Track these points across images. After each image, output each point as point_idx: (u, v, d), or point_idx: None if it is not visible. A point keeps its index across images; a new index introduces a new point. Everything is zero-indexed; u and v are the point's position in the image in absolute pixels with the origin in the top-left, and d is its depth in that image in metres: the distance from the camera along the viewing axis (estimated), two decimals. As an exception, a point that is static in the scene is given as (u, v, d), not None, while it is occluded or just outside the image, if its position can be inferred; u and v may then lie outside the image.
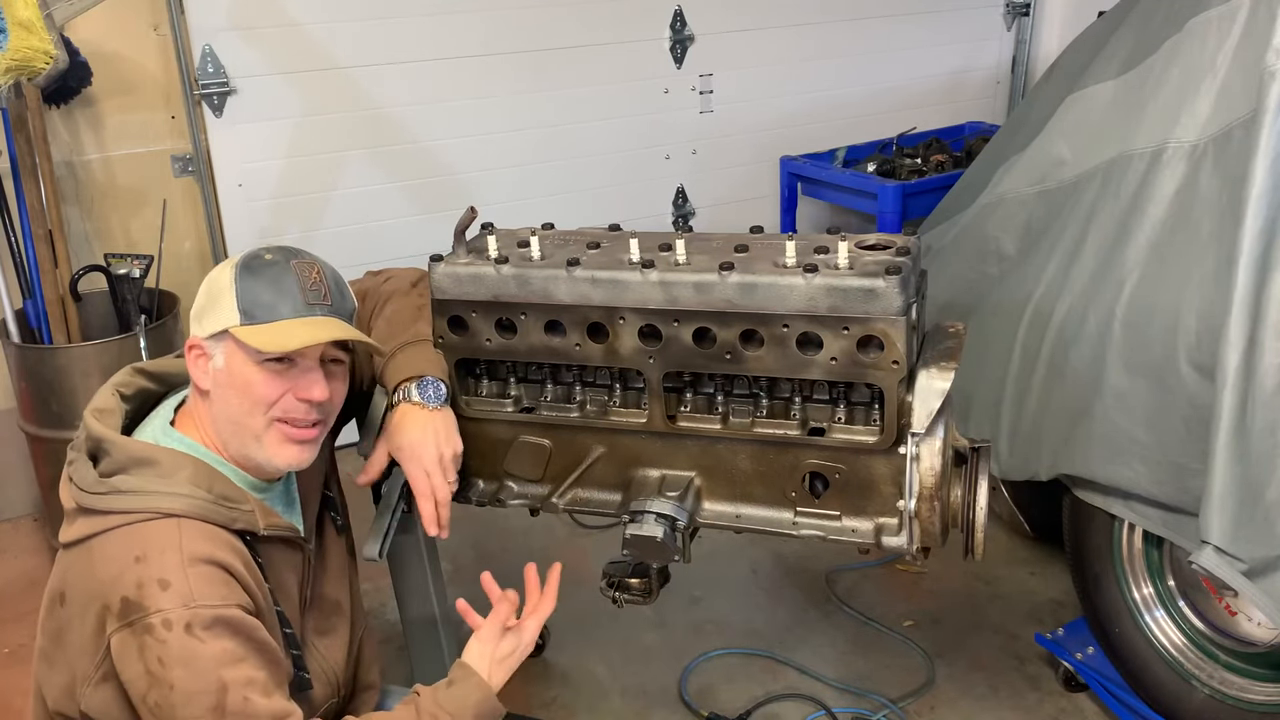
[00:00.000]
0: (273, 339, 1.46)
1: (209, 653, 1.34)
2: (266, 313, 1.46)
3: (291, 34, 3.26)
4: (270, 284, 1.48)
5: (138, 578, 1.35)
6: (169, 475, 1.43)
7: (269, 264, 1.50)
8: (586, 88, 3.74)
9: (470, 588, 1.73)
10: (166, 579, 1.35)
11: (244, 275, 1.48)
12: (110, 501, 1.41)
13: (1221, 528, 1.82)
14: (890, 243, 1.70)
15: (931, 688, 2.52)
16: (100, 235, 3.23)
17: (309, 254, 1.56)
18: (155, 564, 1.36)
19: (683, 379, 1.80)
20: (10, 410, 3.04)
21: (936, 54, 4.32)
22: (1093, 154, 2.34)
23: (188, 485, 1.43)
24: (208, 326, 1.49)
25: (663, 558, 1.79)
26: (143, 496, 1.41)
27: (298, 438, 1.51)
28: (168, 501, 1.41)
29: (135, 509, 1.40)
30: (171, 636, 1.33)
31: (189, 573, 1.36)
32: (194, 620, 1.34)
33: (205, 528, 1.42)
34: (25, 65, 2.57)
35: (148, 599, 1.34)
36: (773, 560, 2.99)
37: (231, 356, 1.48)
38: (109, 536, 1.40)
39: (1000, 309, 2.48)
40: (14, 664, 2.68)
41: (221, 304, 1.48)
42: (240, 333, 1.46)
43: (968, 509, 1.73)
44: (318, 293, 1.50)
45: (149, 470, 1.44)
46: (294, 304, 1.48)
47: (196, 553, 1.38)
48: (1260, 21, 1.93)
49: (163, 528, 1.39)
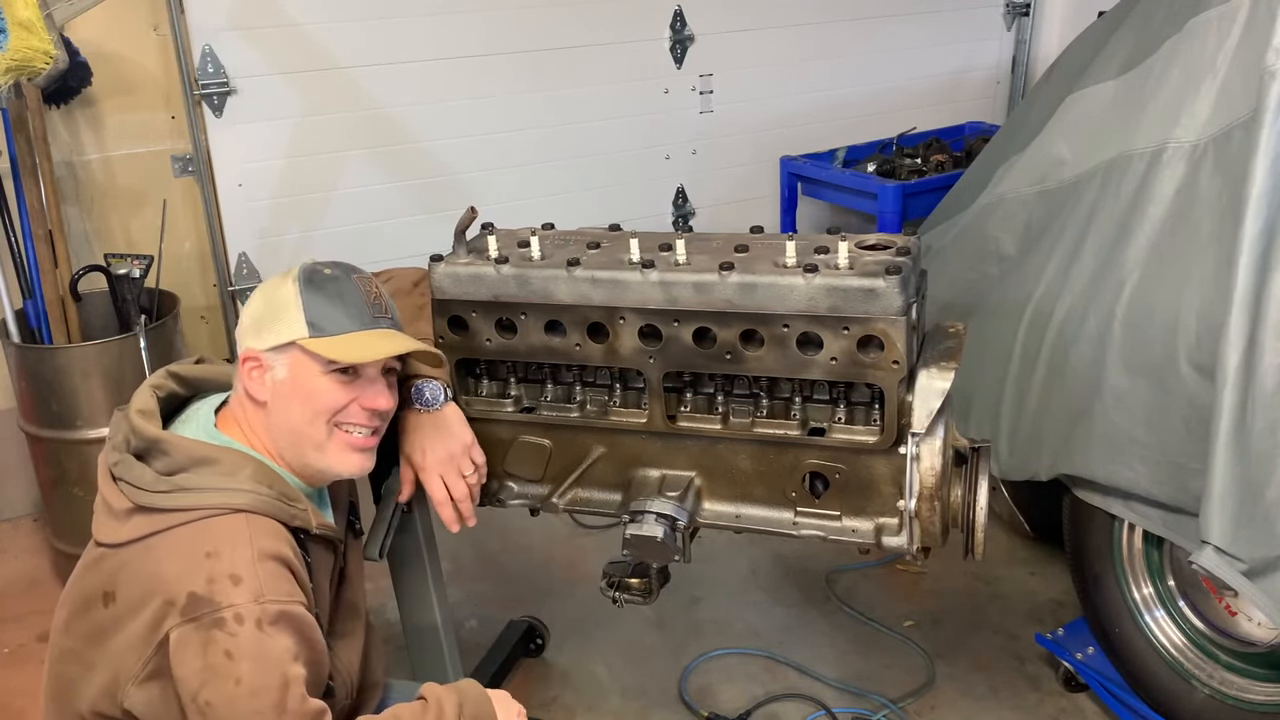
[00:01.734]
0: (345, 350, 1.51)
1: (277, 648, 1.37)
2: (334, 325, 1.52)
3: (291, 34, 3.26)
4: (335, 297, 1.54)
5: (209, 573, 1.37)
6: (233, 473, 1.46)
7: (331, 278, 1.55)
8: (586, 88, 3.74)
9: (470, 587, 1.74)
10: (239, 574, 1.37)
11: (308, 289, 1.53)
12: (175, 499, 1.42)
13: (1221, 528, 1.82)
14: (890, 243, 1.70)
15: (931, 688, 2.52)
16: (100, 235, 3.22)
17: (362, 269, 1.62)
18: (227, 559, 1.38)
19: (683, 379, 1.80)
20: (10, 410, 3.04)
21: (936, 54, 4.32)
22: (1093, 154, 2.34)
23: (252, 482, 1.46)
24: (269, 339, 1.53)
25: (663, 558, 1.80)
26: (209, 493, 1.43)
27: (360, 445, 1.57)
28: (236, 497, 1.43)
29: (202, 505, 1.42)
30: (243, 630, 1.35)
31: (259, 568, 1.39)
32: (263, 615, 1.36)
33: (270, 524, 1.45)
34: (25, 65, 2.57)
35: (219, 594, 1.36)
36: (773, 560, 2.99)
37: (297, 367, 1.52)
38: (174, 534, 1.41)
39: (1000, 309, 2.48)
40: (14, 664, 2.67)
41: (285, 317, 1.52)
42: (310, 344, 1.50)
43: (968, 509, 1.74)
44: (379, 306, 1.58)
45: (211, 468, 1.46)
46: (360, 317, 1.54)
47: (266, 548, 1.41)
48: (1260, 21, 1.93)
49: (232, 523, 1.42)
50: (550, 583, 2.93)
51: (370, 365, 1.56)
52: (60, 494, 2.90)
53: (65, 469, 2.87)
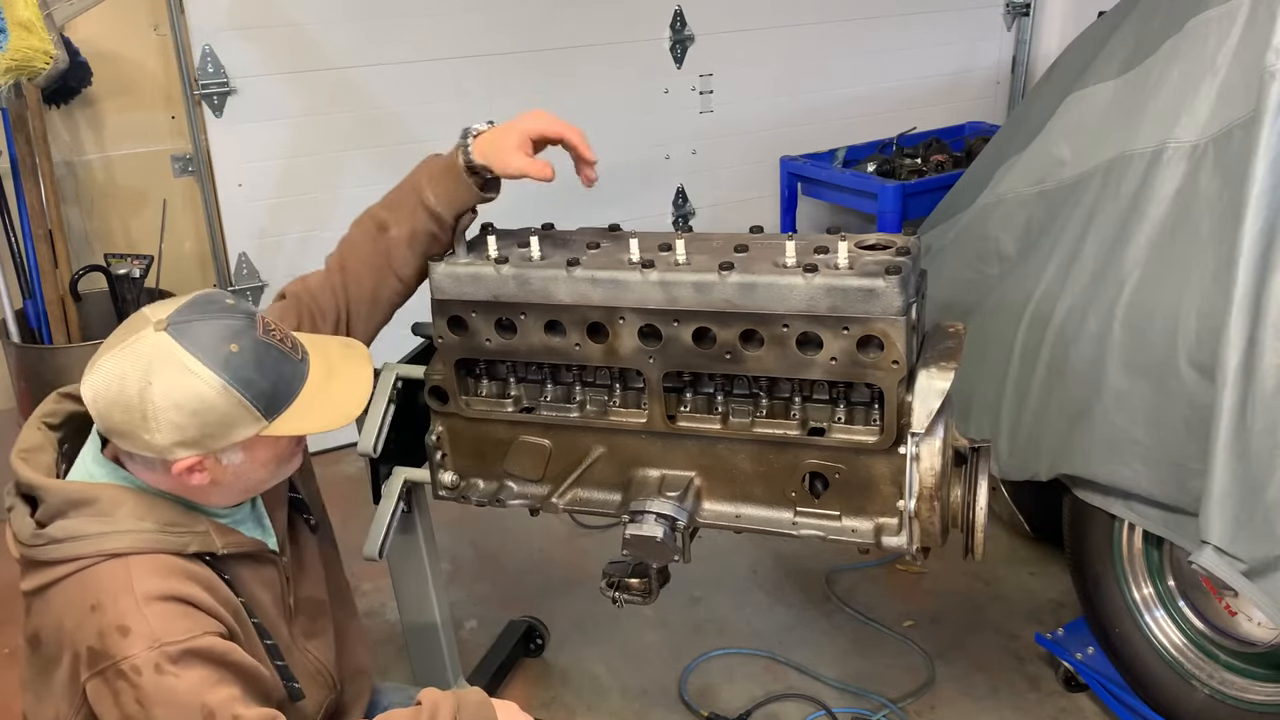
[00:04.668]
0: (316, 419, 1.42)
1: (185, 685, 1.31)
2: (284, 396, 1.40)
3: (291, 34, 3.26)
4: (266, 371, 1.38)
5: (98, 627, 1.31)
6: (109, 513, 1.37)
7: (241, 353, 1.37)
8: (586, 88, 3.74)
9: (471, 588, 1.73)
10: (125, 624, 1.31)
11: (236, 381, 1.35)
12: (51, 551, 1.35)
13: (1221, 528, 1.82)
14: (890, 243, 1.70)
15: (931, 688, 2.52)
16: (100, 235, 3.23)
17: (239, 310, 1.41)
18: (110, 611, 1.32)
19: (683, 379, 1.80)
20: (10, 410, 3.04)
21: (936, 54, 4.33)
22: (1093, 154, 2.34)
23: (130, 520, 1.37)
24: (219, 443, 1.37)
25: (663, 558, 1.79)
26: (84, 541, 1.35)
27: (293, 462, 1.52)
28: (110, 541, 1.35)
29: (79, 555, 1.35)
30: (144, 680, 1.30)
31: (146, 613, 1.32)
32: (162, 659, 1.30)
33: (155, 561, 1.37)
34: (25, 65, 2.57)
35: (112, 647, 1.30)
36: (773, 560, 2.99)
37: (257, 449, 1.42)
38: (61, 587, 1.35)
39: (1000, 309, 2.48)
40: (14, 664, 2.67)
41: (231, 419, 1.36)
42: (276, 429, 1.40)
43: (968, 509, 1.73)
44: (287, 340, 1.43)
45: (86, 511, 1.37)
46: (296, 371, 1.42)
47: (150, 591, 1.33)
48: (1260, 21, 1.93)
49: (110, 570, 1.34)
50: (550, 583, 2.93)
51: None
52: (60, 494, 2.90)
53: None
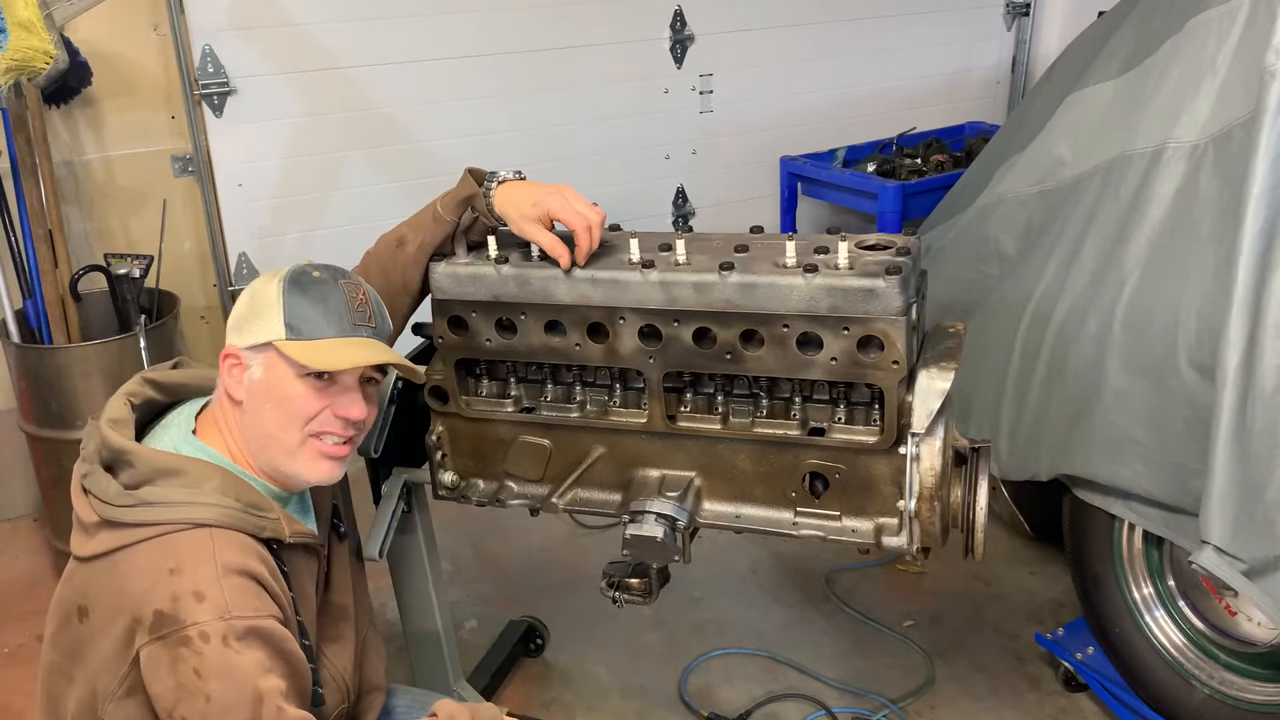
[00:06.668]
0: (319, 356, 1.47)
1: (245, 664, 1.34)
2: (312, 329, 1.48)
3: (291, 34, 3.26)
4: (318, 301, 1.49)
5: (172, 590, 1.34)
6: (197, 485, 1.42)
7: (317, 281, 1.51)
8: (586, 88, 3.73)
9: (471, 588, 1.74)
10: (202, 591, 1.35)
11: (291, 290, 1.49)
12: (139, 514, 1.39)
13: (1221, 528, 1.82)
14: (890, 243, 1.70)
15: (931, 688, 2.52)
16: (100, 235, 3.22)
17: (355, 275, 1.58)
18: (190, 576, 1.35)
19: (683, 379, 1.80)
20: (10, 410, 3.04)
21: (936, 54, 4.32)
22: (1093, 154, 2.34)
23: (217, 494, 1.42)
24: (248, 337, 1.49)
25: (663, 558, 1.79)
26: (173, 508, 1.40)
27: (332, 454, 1.53)
28: (199, 511, 1.40)
29: (166, 520, 1.39)
30: (209, 649, 1.33)
31: (224, 584, 1.36)
32: (229, 632, 1.34)
33: (236, 537, 1.41)
34: (25, 65, 2.57)
35: (183, 611, 1.33)
36: (773, 560, 2.99)
37: (272, 369, 1.48)
38: (139, 549, 1.38)
39: (1000, 309, 2.48)
40: (14, 664, 2.67)
41: (266, 316, 1.48)
42: (285, 346, 1.46)
43: (968, 509, 1.73)
44: (363, 314, 1.53)
45: (176, 480, 1.42)
46: (340, 323, 1.49)
47: (230, 563, 1.38)
48: (1260, 21, 1.93)
49: (196, 538, 1.38)
50: (550, 583, 2.93)
51: (347, 373, 1.51)
52: (60, 494, 2.90)
53: (65, 469, 2.83)
